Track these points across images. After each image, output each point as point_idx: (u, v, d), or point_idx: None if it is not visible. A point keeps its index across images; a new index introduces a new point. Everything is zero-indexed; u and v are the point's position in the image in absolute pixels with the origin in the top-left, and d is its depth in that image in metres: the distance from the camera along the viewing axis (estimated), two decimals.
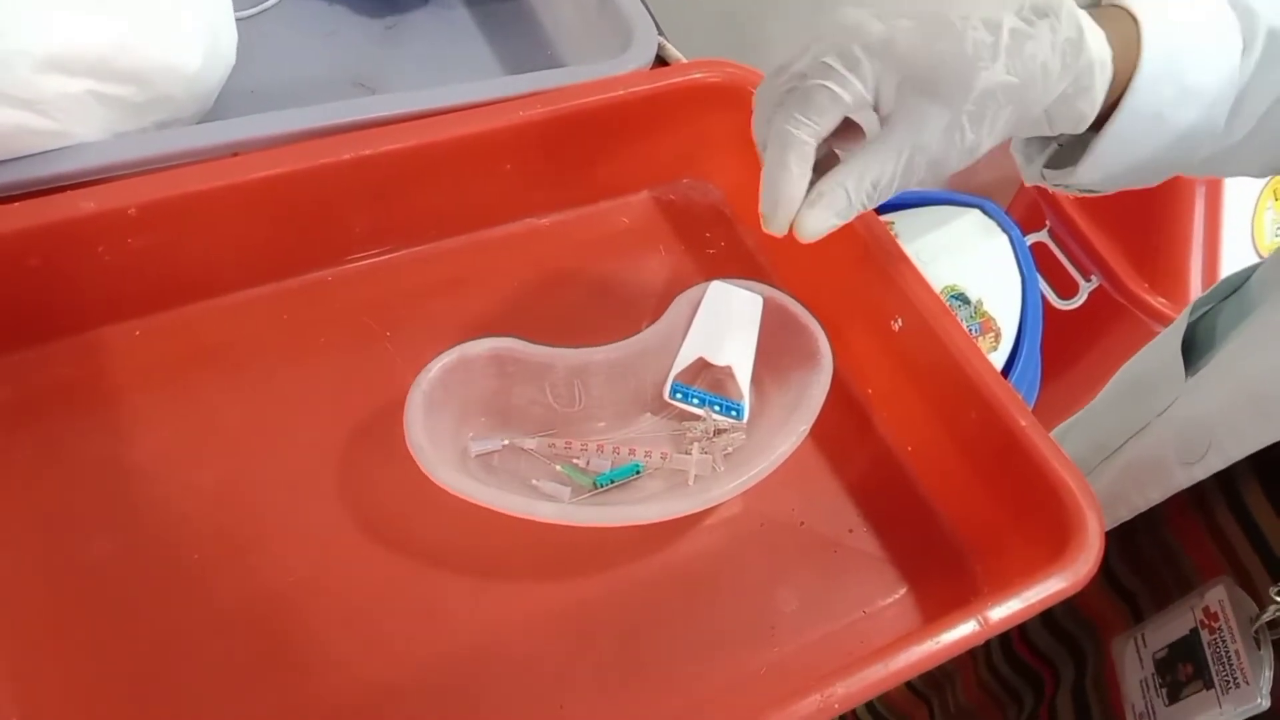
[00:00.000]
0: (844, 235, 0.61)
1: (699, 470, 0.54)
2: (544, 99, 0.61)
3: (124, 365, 0.56)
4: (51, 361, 0.55)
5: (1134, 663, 0.57)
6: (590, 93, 0.62)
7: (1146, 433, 0.63)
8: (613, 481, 0.54)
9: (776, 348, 0.58)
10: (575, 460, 0.55)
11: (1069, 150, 0.53)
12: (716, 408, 0.57)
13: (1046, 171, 0.55)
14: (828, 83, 0.44)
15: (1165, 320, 1.32)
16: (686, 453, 0.56)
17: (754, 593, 0.54)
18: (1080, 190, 0.55)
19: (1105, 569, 0.63)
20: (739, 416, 0.57)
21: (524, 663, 0.50)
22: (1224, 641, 0.52)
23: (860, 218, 0.60)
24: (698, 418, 0.57)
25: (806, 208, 0.46)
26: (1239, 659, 0.51)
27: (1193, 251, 1.32)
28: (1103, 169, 0.51)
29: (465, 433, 0.55)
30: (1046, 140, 0.55)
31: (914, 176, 0.46)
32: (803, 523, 0.57)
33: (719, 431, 0.57)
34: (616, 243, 0.67)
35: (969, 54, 0.44)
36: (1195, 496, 0.56)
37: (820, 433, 0.60)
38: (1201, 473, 0.54)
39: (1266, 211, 1.34)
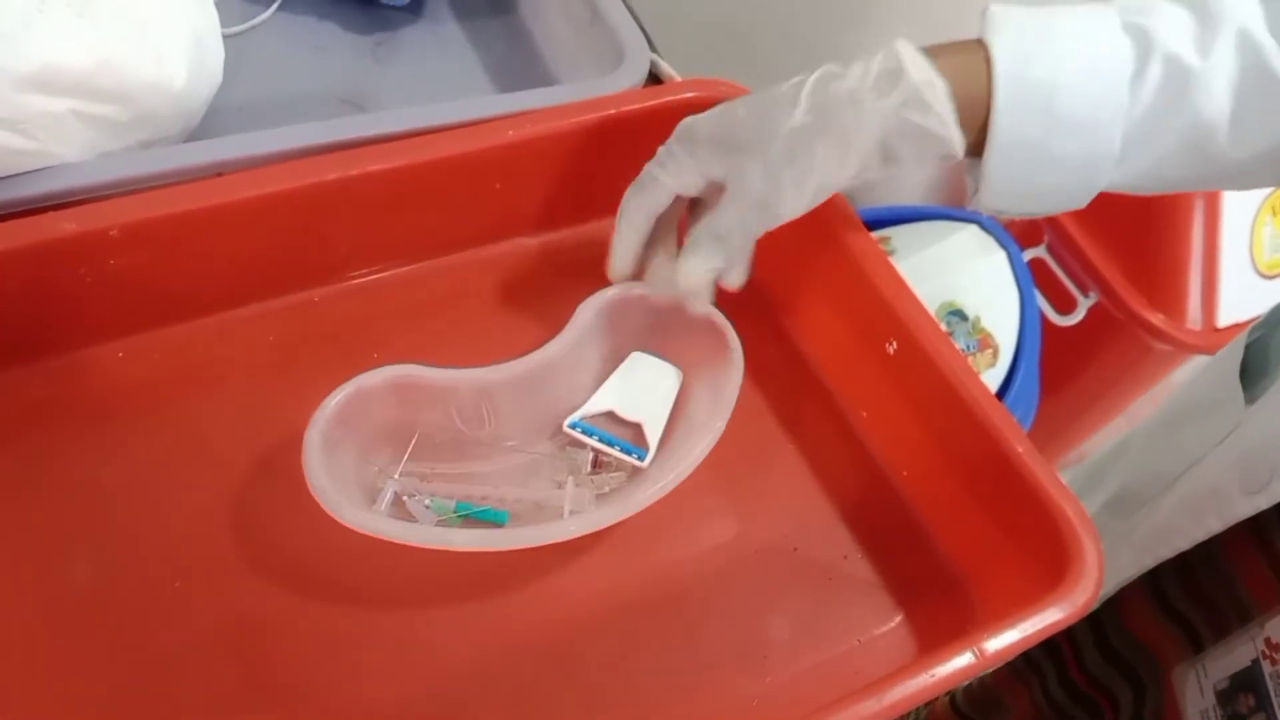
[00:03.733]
0: (837, 255, 0.61)
1: (574, 505, 0.53)
2: (534, 118, 0.60)
3: (107, 386, 0.55)
4: (33, 382, 0.54)
5: (1195, 693, 0.56)
6: (581, 111, 0.62)
7: (1205, 461, 0.62)
8: (470, 517, 0.53)
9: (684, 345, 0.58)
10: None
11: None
12: (618, 447, 0.55)
13: (976, 198, 0.55)
14: (653, 168, 0.54)
15: (1163, 337, 1.31)
16: (561, 487, 0.54)
17: (746, 620, 0.53)
18: (1018, 215, 0.55)
19: (1162, 597, 0.62)
20: (641, 459, 0.55)
21: (510, 690, 0.49)
22: None
23: (854, 236, 0.60)
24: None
25: (682, 259, 0.54)
26: None
27: (1191, 268, 1.32)
28: (1000, 196, 0.53)
29: (370, 467, 0.53)
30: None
31: (754, 222, 0.52)
32: (796, 548, 0.56)
33: (602, 463, 0.56)
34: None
35: (766, 110, 0.51)
36: (1253, 526, 0.55)
37: (814, 456, 0.59)
38: (1265, 502, 0.53)
39: (1265, 227, 1.34)
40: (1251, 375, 0.66)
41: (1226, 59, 0.49)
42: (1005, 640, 0.47)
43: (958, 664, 0.46)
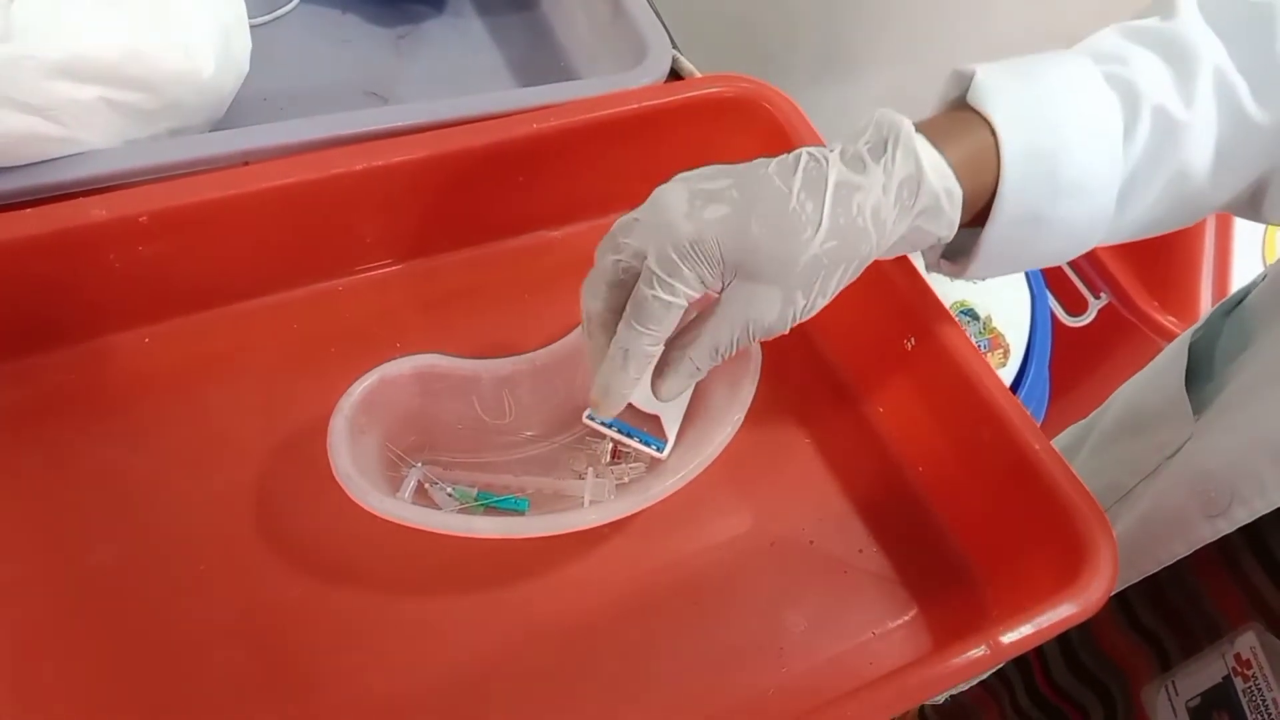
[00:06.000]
0: None
1: (594, 495, 0.53)
2: (556, 112, 0.61)
3: (132, 372, 0.55)
4: (60, 367, 0.54)
5: (1166, 712, 0.56)
6: (603, 106, 0.62)
7: (1160, 478, 0.62)
8: (492, 506, 0.53)
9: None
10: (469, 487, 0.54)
11: (961, 241, 0.51)
12: (636, 438, 0.55)
13: (944, 264, 0.53)
14: (657, 292, 0.44)
15: (1174, 339, 1.31)
16: (581, 477, 0.55)
17: (763, 612, 0.54)
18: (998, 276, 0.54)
19: (1131, 614, 0.62)
20: (660, 450, 0.55)
21: (528, 682, 0.50)
22: (1259, 690, 0.51)
23: None
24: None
25: (659, 377, 0.47)
26: (1277, 707, 0.50)
27: (1203, 270, 1.32)
28: (993, 268, 0.51)
29: (392, 455, 0.53)
30: None
31: (748, 337, 0.46)
32: (812, 542, 0.56)
33: (620, 454, 0.56)
34: None
35: (787, 231, 0.44)
36: (1220, 546, 0.55)
37: (830, 451, 0.60)
38: (1226, 526, 0.53)
39: (1279, 230, 1.34)
40: (1199, 374, 0.66)
41: (1208, 106, 0.48)
42: (1019, 634, 0.47)
43: (971, 656, 0.46)
